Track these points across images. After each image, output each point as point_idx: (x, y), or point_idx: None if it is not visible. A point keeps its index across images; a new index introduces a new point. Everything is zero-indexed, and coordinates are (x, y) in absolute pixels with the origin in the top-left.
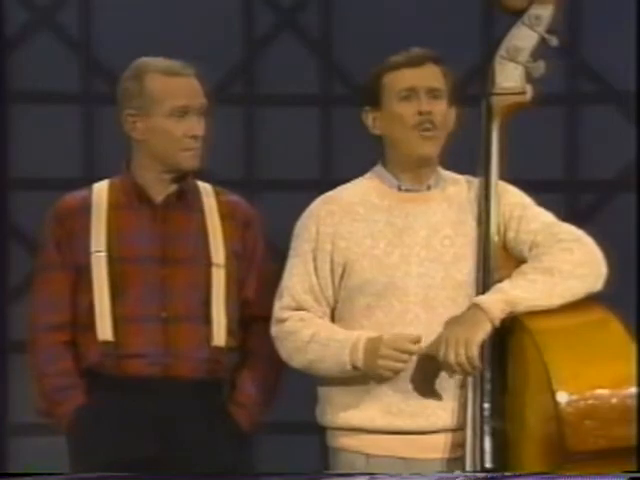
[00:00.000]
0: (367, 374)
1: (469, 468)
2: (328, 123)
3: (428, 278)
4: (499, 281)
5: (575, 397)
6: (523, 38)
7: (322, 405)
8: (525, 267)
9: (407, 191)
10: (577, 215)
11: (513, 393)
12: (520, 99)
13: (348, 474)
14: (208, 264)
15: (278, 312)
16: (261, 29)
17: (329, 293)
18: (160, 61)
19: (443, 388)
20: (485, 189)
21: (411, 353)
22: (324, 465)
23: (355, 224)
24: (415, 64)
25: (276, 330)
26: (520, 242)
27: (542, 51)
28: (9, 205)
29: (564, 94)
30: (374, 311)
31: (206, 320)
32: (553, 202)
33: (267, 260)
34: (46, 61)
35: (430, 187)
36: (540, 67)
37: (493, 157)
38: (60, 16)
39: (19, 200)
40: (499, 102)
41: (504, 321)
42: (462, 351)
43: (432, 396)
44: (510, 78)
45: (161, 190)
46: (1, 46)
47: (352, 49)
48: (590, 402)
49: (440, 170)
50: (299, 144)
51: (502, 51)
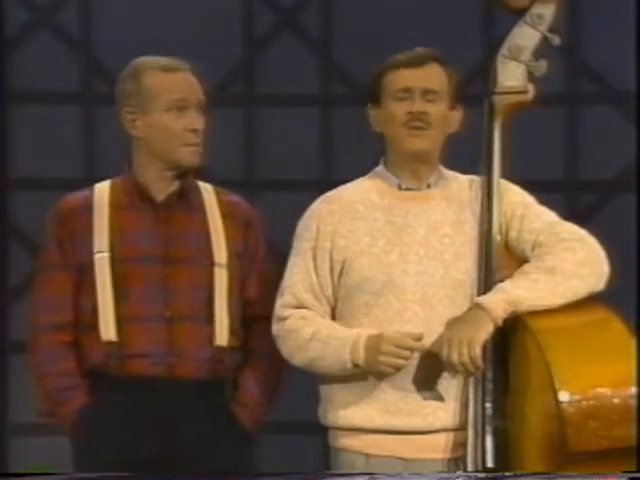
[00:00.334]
0: (368, 372)
1: (470, 468)
2: (328, 123)
3: (427, 276)
4: (501, 280)
5: (577, 397)
6: (525, 37)
7: (324, 405)
8: (527, 267)
9: (407, 190)
10: (577, 215)
11: (515, 393)
12: (522, 98)
13: (348, 474)
14: (210, 264)
15: (279, 310)
16: (261, 29)
17: (329, 291)
18: (156, 59)
19: (442, 388)
20: (487, 188)
21: (412, 350)
22: (325, 465)
23: (355, 222)
24: (415, 64)
25: (277, 328)
26: (522, 241)
27: (543, 50)
28: (9, 205)
29: (564, 94)
30: (372, 309)
31: (209, 320)
32: (553, 202)
33: (269, 260)
34: (46, 61)
35: (430, 186)
36: (542, 66)
37: (495, 156)
38: (60, 16)
39: (19, 200)
40: (501, 101)
41: (506, 320)
42: (465, 351)
43: (431, 395)
44: (512, 77)
45: (162, 189)
46: (1, 46)
47: (352, 49)
48: (592, 402)
49: (442, 169)
50: (299, 144)
51: (504, 50)
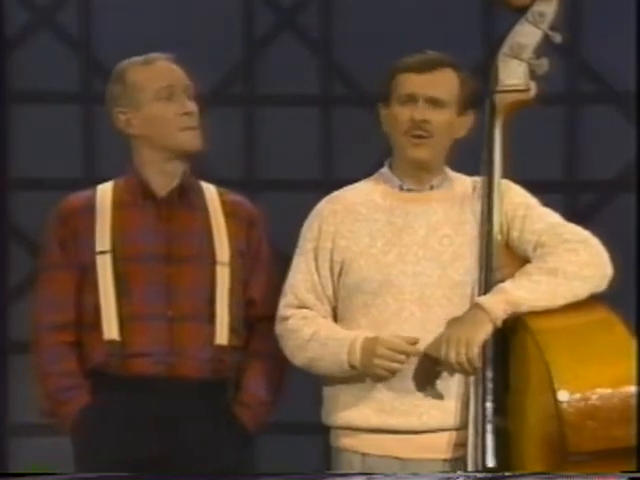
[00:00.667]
0: (364, 373)
1: (471, 468)
2: (328, 123)
3: (424, 277)
4: (501, 280)
5: (576, 397)
6: (526, 35)
7: (325, 405)
8: (529, 267)
9: (409, 191)
10: (577, 215)
11: (515, 393)
12: (523, 96)
13: (345, 474)
14: (213, 262)
15: (282, 310)
16: (261, 29)
17: (330, 292)
18: (136, 57)
19: (439, 388)
20: (487, 187)
21: (408, 354)
22: (325, 465)
23: (357, 224)
24: (424, 70)
25: (280, 328)
26: (524, 242)
27: (544, 49)
28: (9, 205)
29: (564, 94)
30: (370, 309)
31: (211, 319)
32: (553, 202)
33: (271, 260)
34: (46, 61)
35: (433, 187)
36: (544, 64)
37: (496, 155)
38: (60, 16)
39: (19, 200)
40: (502, 100)
41: (507, 320)
42: (463, 351)
43: (426, 395)
44: (513, 75)
45: (164, 184)
46: (1, 46)
47: (352, 49)
48: (591, 402)
49: (447, 171)
50: (299, 144)
51: (505, 48)
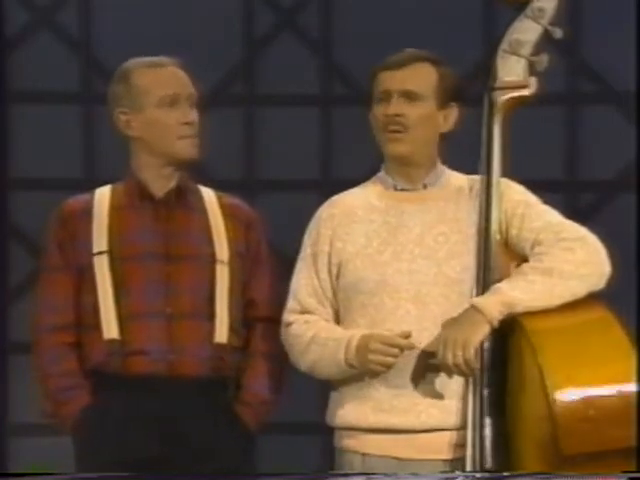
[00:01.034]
0: (363, 371)
1: (469, 468)
2: (328, 123)
3: (420, 275)
4: (499, 280)
5: (568, 399)
6: (526, 31)
7: (329, 407)
8: (525, 267)
9: (403, 190)
10: (577, 215)
11: (511, 394)
12: (522, 93)
13: (345, 474)
14: (212, 261)
15: (285, 315)
16: (261, 29)
17: (330, 294)
18: (143, 58)
19: (438, 387)
20: (486, 186)
21: (400, 347)
22: (325, 465)
23: (353, 225)
24: (397, 66)
25: (284, 333)
26: (522, 240)
27: (543, 47)
28: (9, 205)
29: (564, 94)
30: (367, 309)
31: (210, 317)
32: (553, 202)
33: (271, 261)
34: (46, 61)
35: (426, 186)
36: (543, 60)
37: (495, 153)
38: (60, 16)
39: (19, 200)
40: (501, 96)
41: (504, 321)
42: (459, 352)
43: (425, 394)
44: (512, 72)
45: (162, 186)
46: (1, 46)
47: (352, 49)
48: (584, 404)
49: (443, 170)
50: (299, 144)
51: (504, 45)
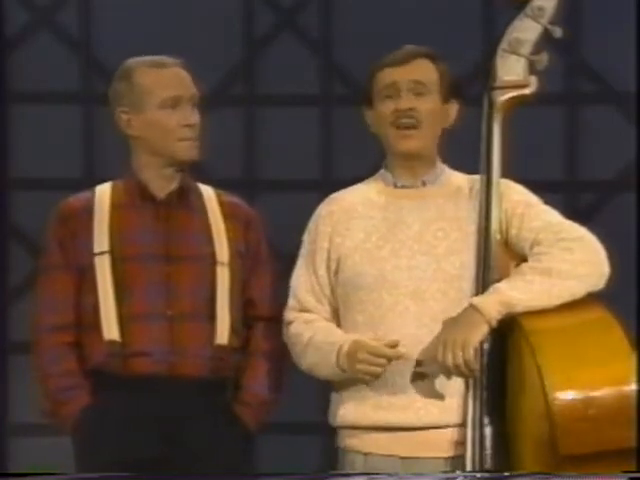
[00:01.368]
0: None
1: (469, 468)
2: (328, 123)
3: (419, 271)
4: (499, 279)
5: (567, 399)
6: (526, 30)
7: (330, 407)
8: (524, 267)
9: (403, 187)
10: (577, 215)
11: (510, 394)
12: (522, 92)
13: (347, 474)
14: (213, 262)
15: (286, 314)
16: (261, 29)
17: (328, 291)
18: (146, 57)
19: (437, 384)
20: (486, 185)
21: (387, 357)
22: (327, 465)
23: (352, 221)
24: (400, 62)
25: (285, 332)
26: (522, 239)
27: (543, 45)
28: (9, 205)
29: (564, 94)
30: (366, 305)
31: (211, 318)
32: (553, 202)
33: (271, 260)
34: (46, 61)
35: (426, 183)
36: (543, 59)
37: (494, 152)
38: (60, 16)
39: (19, 200)
40: (501, 96)
41: (503, 320)
42: (459, 353)
43: (424, 392)
44: (512, 71)
45: (163, 187)
46: (1, 46)
47: (352, 49)
48: (582, 404)
49: (440, 166)
50: (299, 144)
51: (504, 44)
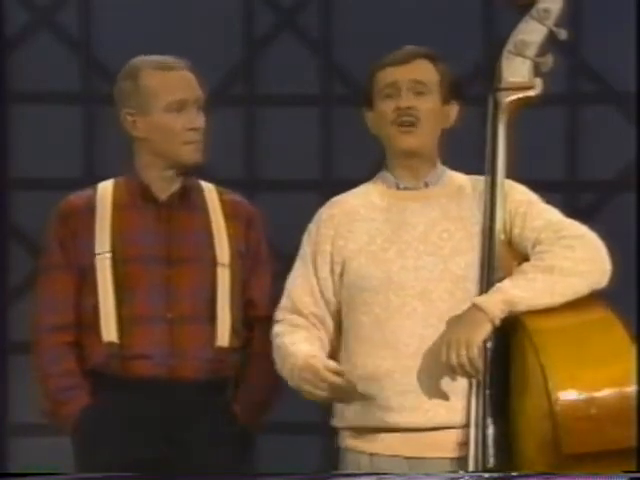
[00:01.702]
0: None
1: (472, 468)
2: (328, 123)
3: (426, 271)
4: (504, 279)
5: (569, 398)
6: (531, 32)
7: (335, 408)
8: (526, 266)
9: (405, 189)
10: (577, 215)
11: (514, 393)
12: (527, 94)
13: (353, 474)
14: (213, 264)
15: (276, 312)
16: (261, 29)
17: (329, 294)
18: (153, 58)
19: (445, 386)
20: (491, 186)
21: (329, 383)
22: (327, 465)
23: (355, 224)
24: (400, 62)
25: (273, 329)
26: (524, 239)
27: (547, 47)
28: (9, 205)
29: (564, 94)
30: (371, 307)
31: (211, 320)
32: (553, 202)
33: (271, 260)
34: (46, 61)
35: (428, 184)
36: (548, 61)
37: (499, 154)
38: (60, 16)
39: (19, 200)
40: (506, 98)
41: (506, 320)
42: (463, 352)
43: (432, 393)
44: (517, 73)
45: (165, 188)
46: (1, 46)
47: (352, 49)
48: (585, 404)
49: (442, 168)
50: (299, 144)
51: (509, 46)
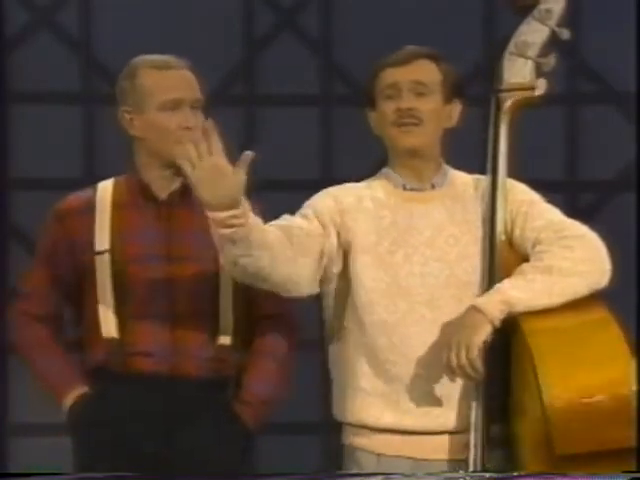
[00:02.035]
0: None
1: (472, 469)
2: (328, 123)
3: (432, 277)
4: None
5: (562, 400)
6: (533, 33)
7: (338, 402)
8: (525, 266)
9: (412, 190)
10: (578, 215)
11: (512, 395)
12: (529, 95)
13: (360, 474)
14: (214, 262)
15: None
16: (261, 29)
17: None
18: (153, 57)
19: (455, 390)
20: (492, 187)
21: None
22: (327, 465)
23: (361, 215)
24: (401, 62)
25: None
26: (525, 239)
27: (549, 47)
28: (9, 205)
29: (564, 94)
30: (376, 308)
31: (213, 318)
32: (553, 202)
33: None
34: (46, 61)
35: (434, 186)
36: (550, 62)
37: (501, 155)
38: (60, 16)
39: (19, 200)
40: (508, 98)
41: (506, 321)
42: (463, 354)
43: (442, 397)
44: (519, 74)
45: (164, 187)
46: (1, 46)
47: (352, 49)
48: (578, 405)
49: (446, 168)
50: (299, 144)
51: (511, 47)
